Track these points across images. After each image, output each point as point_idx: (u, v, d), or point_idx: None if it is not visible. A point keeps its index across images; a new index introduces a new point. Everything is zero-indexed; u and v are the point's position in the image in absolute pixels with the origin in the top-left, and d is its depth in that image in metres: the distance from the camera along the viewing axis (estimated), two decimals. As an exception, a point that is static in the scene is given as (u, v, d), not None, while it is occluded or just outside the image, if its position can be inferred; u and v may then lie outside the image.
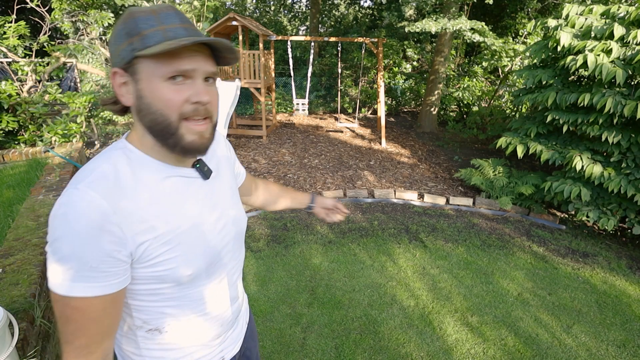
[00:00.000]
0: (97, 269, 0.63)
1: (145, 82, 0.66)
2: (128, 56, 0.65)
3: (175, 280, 0.73)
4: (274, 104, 7.77)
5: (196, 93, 0.67)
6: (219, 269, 0.82)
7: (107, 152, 0.71)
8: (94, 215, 0.62)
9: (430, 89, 8.07)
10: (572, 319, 2.69)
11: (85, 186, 0.63)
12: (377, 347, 2.33)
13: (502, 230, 4.01)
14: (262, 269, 3.10)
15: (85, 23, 7.91)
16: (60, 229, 0.62)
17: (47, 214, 2.51)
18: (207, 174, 0.79)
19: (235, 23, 6.22)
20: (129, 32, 0.65)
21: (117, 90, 0.69)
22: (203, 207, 0.77)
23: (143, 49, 0.64)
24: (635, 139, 3.62)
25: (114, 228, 0.63)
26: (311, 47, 7.24)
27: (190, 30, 0.68)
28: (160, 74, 0.65)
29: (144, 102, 0.67)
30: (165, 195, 0.71)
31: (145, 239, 0.67)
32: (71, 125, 4.88)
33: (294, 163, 5.78)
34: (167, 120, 0.67)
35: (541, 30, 5.27)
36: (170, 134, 0.68)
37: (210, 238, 0.78)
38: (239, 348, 0.98)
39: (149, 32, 0.65)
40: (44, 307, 1.81)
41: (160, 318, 0.77)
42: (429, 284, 3.01)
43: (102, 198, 0.63)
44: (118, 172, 0.67)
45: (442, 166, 6.06)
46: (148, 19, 0.65)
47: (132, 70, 0.66)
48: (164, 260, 0.70)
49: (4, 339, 1.28)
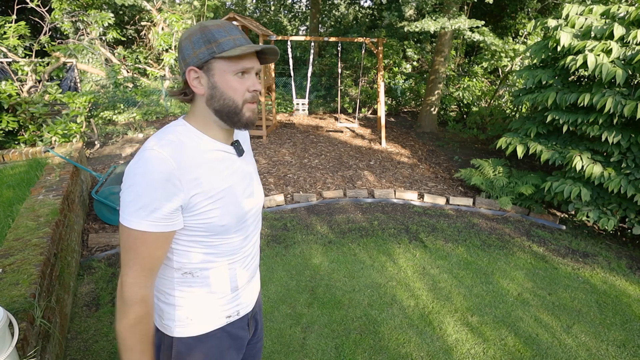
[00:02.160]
0: (159, 211, 0.83)
1: (219, 76, 0.89)
2: (206, 57, 0.87)
3: (212, 230, 0.93)
4: (274, 104, 7.76)
5: (253, 84, 0.92)
6: (245, 228, 1.02)
7: (171, 127, 0.93)
8: (165, 169, 0.83)
9: (430, 89, 8.06)
10: (572, 319, 2.69)
11: (159, 147, 0.85)
12: (377, 347, 2.33)
13: (502, 230, 4.01)
14: (262, 269, 3.10)
15: (85, 23, 7.90)
16: (137, 177, 0.83)
17: (47, 213, 2.51)
18: (240, 152, 1.02)
19: (235, 23, 6.21)
20: (207, 39, 0.87)
21: (191, 83, 0.90)
22: (235, 176, 0.98)
23: (221, 52, 0.87)
24: (635, 139, 3.62)
25: (176, 181, 0.84)
26: (311, 47, 7.24)
27: (246, 39, 0.91)
28: (230, 70, 0.89)
29: (218, 91, 0.90)
30: (211, 162, 0.93)
31: (195, 192, 0.88)
32: (71, 125, 4.88)
33: (294, 163, 5.78)
34: (235, 103, 0.91)
35: (541, 30, 5.27)
36: (236, 113, 0.92)
37: (240, 201, 0.98)
38: (251, 309, 1.14)
39: (223, 40, 0.87)
40: (44, 307, 1.81)
41: (195, 263, 0.96)
42: (429, 284, 3.01)
43: (170, 157, 0.84)
44: (181, 141, 0.89)
45: (442, 166, 6.06)
46: (219, 31, 0.88)
47: (207, 68, 0.89)
48: (207, 211, 0.91)
49: (4, 339, 1.28)
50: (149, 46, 11.77)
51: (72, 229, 2.97)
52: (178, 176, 0.84)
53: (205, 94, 0.91)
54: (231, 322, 1.06)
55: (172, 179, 0.83)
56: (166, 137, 0.89)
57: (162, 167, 0.83)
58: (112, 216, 3.55)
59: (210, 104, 0.92)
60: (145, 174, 0.82)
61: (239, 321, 1.09)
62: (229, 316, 1.05)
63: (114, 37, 9.37)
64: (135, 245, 0.85)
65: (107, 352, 2.21)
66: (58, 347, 2.06)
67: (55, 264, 2.23)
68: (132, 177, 0.83)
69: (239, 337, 1.10)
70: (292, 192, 4.74)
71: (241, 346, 1.12)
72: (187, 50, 0.90)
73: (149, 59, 11.73)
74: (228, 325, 1.06)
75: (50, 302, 1.99)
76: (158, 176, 0.82)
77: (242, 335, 1.11)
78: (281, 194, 4.52)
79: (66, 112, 5.08)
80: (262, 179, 5.07)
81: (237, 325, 1.08)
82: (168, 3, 11.78)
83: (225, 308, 1.04)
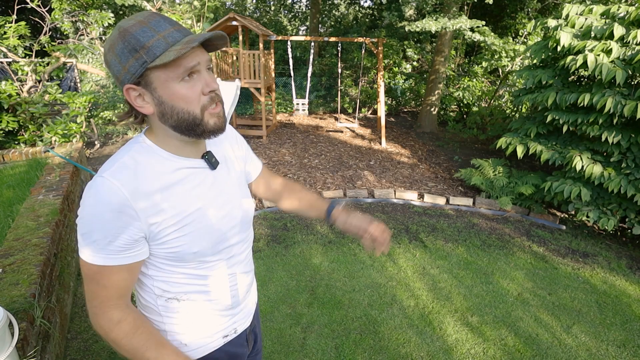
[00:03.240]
0: (114, 243, 0.74)
1: (162, 88, 0.74)
2: (139, 70, 0.72)
3: (183, 258, 0.83)
4: (274, 104, 7.77)
5: (207, 84, 0.76)
6: (226, 249, 0.91)
7: (128, 146, 0.81)
8: (115, 200, 0.73)
9: (430, 89, 8.06)
10: (572, 319, 2.69)
11: (109, 175, 0.74)
12: (377, 347, 2.33)
13: (502, 230, 4.01)
14: (262, 269, 3.10)
15: (85, 23, 7.90)
16: (86, 209, 0.74)
17: (47, 213, 2.51)
18: (214, 164, 0.88)
19: (235, 23, 6.22)
20: (132, 47, 0.71)
21: (134, 104, 0.76)
22: (208, 194, 0.86)
23: (153, 59, 0.71)
24: (635, 139, 3.62)
25: (130, 211, 0.74)
26: (311, 47, 7.24)
27: (182, 31, 0.74)
28: (173, 77, 0.73)
29: (167, 106, 0.75)
30: (175, 183, 0.81)
31: (155, 220, 0.77)
32: (71, 125, 4.88)
33: (294, 163, 5.78)
34: (192, 114, 0.76)
35: (541, 30, 5.27)
36: (197, 124, 0.78)
37: (214, 222, 0.86)
38: (250, 323, 1.07)
39: (151, 42, 0.70)
40: (44, 307, 1.81)
41: (177, 288, 0.87)
42: (429, 284, 3.01)
43: (122, 186, 0.73)
44: (137, 163, 0.77)
45: (442, 166, 6.06)
46: (144, 31, 0.71)
47: (144, 82, 0.74)
48: (173, 239, 0.80)
49: (4, 339, 1.28)
50: (149, 46, 11.75)
51: (72, 229, 2.97)
52: (132, 205, 0.74)
53: (154, 112, 0.77)
54: (229, 341, 0.99)
55: (124, 210, 0.73)
56: (121, 159, 0.77)
57: (112, 198, 0.73)
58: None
59: (164, 121, 0.78)
60: (95, 204, 0.73)
61: (237, 338, 1.02)
62: (226, 335, 0.98)
63: (114, 37, 9.35)
64: (96, 278, 0.77)
65: (107, 352, 2.21)
66: (58, 347, 2.06)
67: (55, 264, 2.23)
68: (83, 207, 0.75)
69: (237, 355, 1.03)
70: (292, 192, 4.73)
71: None
72: (114, 66, 0.74)
73: (149, 59, 11.72)
74: (226, 344, 0.99)
75: (50, 302, 1.99)
76: (108, 207, 0.72)
77: (242, 353, 1.05)
78: (281, 194, 4.52)
79: (66, 112, 5.08)
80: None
81: (235, 343, 1.02)
82: (168, 3, 11.78)
83: (220, 328, 0.96)
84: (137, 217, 0.75)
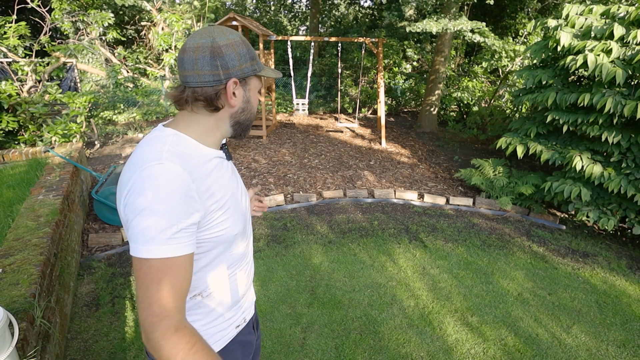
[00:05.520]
0: (183, 230, 0.74)
1: (252, 92, 0.92)
2: (249, 73, 0.88)
3: (226, 241, 0.89)
4: (274, 104, 7.76)
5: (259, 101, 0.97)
6: (247, 231, 1.03)
7: (160, 138, 0.83)
8: (181, 184, 0.75)
9: (430, 89, 8.06)
10: (572, 319, 2.69)
11: (167, 160, 0.76)
12: (377, 347, 2.33)
13: (502, 230, 4.01)
14: (262, 269, 3.10)
15: (85, 23, 7.90)
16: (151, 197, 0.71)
17: (47, 213, 2.51)
18: (229, 156, 1.00)
19: (235, 23, 6.22)
20: (252, 56, 0.89)
21: (229, 94, 0.86)
22: (232, 181, 0.96)
23: (260, 70, 0.91)
24: (635, 139, 3.62)
25: (194, 194, 0.77)
26: (311, 47, 7.24)
27: None
28: (258, 88, 0.93)
29: (250, 105, 0.92)
30: (213, 170, 0.87)
31: (210, 202, 0.82)
32: (71, 125, 4.88)
33: (294, 163, 5.78)
34: (254, 116, 0.96)
35: (541, 30, 5.27)
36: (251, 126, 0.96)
37: (243, 206, 0.98)
38: (253, 311, 1.15)
39: (258, 60, 0.91)
40: (44, 307, 1.81)
41: (203, 283, 0.91)
42: (429, 284, 3.01)
43: (183, 170, 0.76)
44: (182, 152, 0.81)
45: (442, 166, 6.06)
46: (253, 50, 0.91)
47: (244, 82, 0.89)
48: (220, 222, 0.86)
49: (4, 339, 1.28)
50: (149, 46, 11.77)
51: (72, 229, 2.97)
52: (195, 188, 0.77)
53: (236, 107, 0.89)
54: (240, 330, 1.05)
55: (189, 193, 0.75)
56: (164, 148, 0.79)
57: (179, 183, 0.74)
58: (112, 216, 3.55)
59: (236, 116, 0.90)
60: (160, 191, 0.72)
61: (246, 327, 1.08)
62: (238, 325, 1.04)
63: (114, 37, 9.37)
64: (159, 276, 0.72)
65: (107, 352, 2.21)
66: (58, 347, 2.06)
67: (55, 264, 2.23)
68: (142, 199, 0.71)
69: (248, 342, 1.09)
70: (292, 192, 4.74)
71: (250, 350, 1.12)
72: (232, 60, 0.84)
73: (149, 59, 11.73)
74: (238, 334, 1.04)
75: (50, 302, 1.99)
76: (176, 192, 0.73)
77: (251, 340, 1.11)
78: (281, 194, 4.52)
79: (66, 112, 5.08)
80: (262, 179, 5.07)
81: (245, 332, 1.07)
82: (168, 3, 11.78)
83: (234, 319, 1.02)
84: (199, 199, 0.78)
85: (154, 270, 0.72)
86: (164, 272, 0.73)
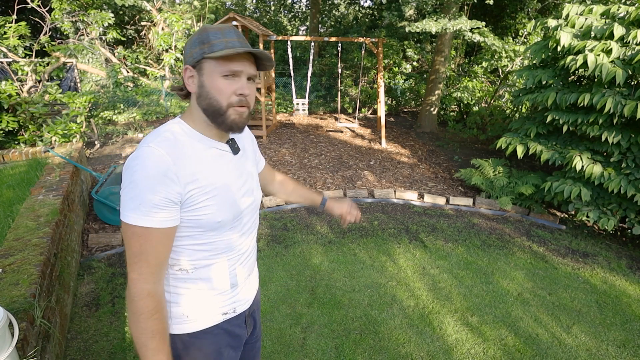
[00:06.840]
0: (158, 206, 0.86)
1: (207, 76, 0.92)
2: (198, 57, 0.91)
3: (207, 226, 0.95)
4: (274, 104, 7.76)
5: (241, 87, 0.93)
6: (240, 225, 1.05)
7: (168, 125, 0.96)
8: (161, 165, 0.86)
9: (430, 89, 8.06)
10: (572, 319, 2.69)
11: (155, 144, 0.88)
12: (377, 347, 2.33)
13: (502, 230, 4.01)
14: (262, 269, 3.10)
15: (85, 23, 7.90)
16: (136, 174, 0.85)
17: (47, 213, 2.51)
18: (235, 150, 1.05)
19: (235, 23, 6.22)
20: (201, 40, 0.92)
21: (186, 81, 0.95)
22: (231, 174, 1.01)
23: (210, 52, 0.90)
24: (635, 139, 3.62)
25: (173, 176, 0.87)
26: (311, 47, 7.24)
27: (243, 43, 0.93)
28: (218, 71, 0.91)
29: (204, 90, 0.93)
30: (207, 159, 0.96)
31: (192, 187, 0.91)
32: (71, 125, 4.88)
33: (294, 163, 5.78)
34: (219, 104, 0.93)
35: (541, 30, 5.27)
36: (220, 114, 0.94)
37: (236, 198, 1.01)
38: (249, 307, 1.16)
39: (215, 42, 0.91)
40: (44, 307, 1.81)
41: (190, 259, 0.98)
42: (429, 284, 3.01)
43: (166, 154, 0.87)
44: (176, 138, 0.92)
45: (442, 166, 6.06)
46: (216, 33, 0.92)
47: (198, 67, 0.93)
48: (202, 207, 0.93)
49: (4, 339, 1.28)
50: (149, 46, 11.77)
51: (72, 229, 2.97)
52: (175, 171, 0.87)
53: (195, 92, 0.95)
54: (228, 319, 1.08)
55: (168, 174, 0.86)
56: (162, 134, 0.92)
57: (159, 163, 0.86)
58: (112, 216, 3.55)
59: (199, 102, 0.95)
60: (143, 169, 0.85)
61: (236, 319, 1.10)
62: (225, 313, 1.07)
63: (114, 37, 9.37)
64: (139, 242, 0.87)
65: (107, 352, 2.21)
66: (58, 347, 2.06)
67: (55, 264, 2.23)
68: (130, 174, 0.86)
69: (236, 334, 1.11)
70: (292, 192, 4.73)
71: (239, 344, 1.14)
72: (186, 49, 0.95)
73: (149, 59, 11.73)
74: (225, 322, 1.07)
75: (50, 302, 1.99)
76: (155, 171, 0.85)
77: (240, 333, 1.13)
78: (281, 194, 4.52)
79: (66, 112, 5.08)
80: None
81: (234, 323, 1.10)
82: (168, 3, 11.78)
83: (221, 305, 1.05)
84: (179, 181, 0.88)
85: (135, 235, 0.87)
86: (143, 238, 0.87)
